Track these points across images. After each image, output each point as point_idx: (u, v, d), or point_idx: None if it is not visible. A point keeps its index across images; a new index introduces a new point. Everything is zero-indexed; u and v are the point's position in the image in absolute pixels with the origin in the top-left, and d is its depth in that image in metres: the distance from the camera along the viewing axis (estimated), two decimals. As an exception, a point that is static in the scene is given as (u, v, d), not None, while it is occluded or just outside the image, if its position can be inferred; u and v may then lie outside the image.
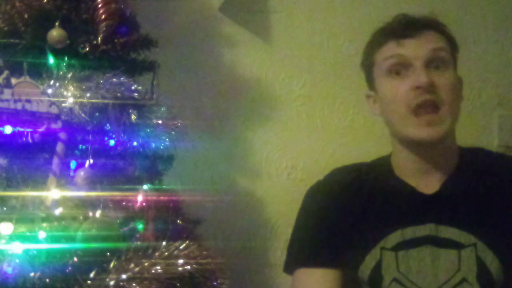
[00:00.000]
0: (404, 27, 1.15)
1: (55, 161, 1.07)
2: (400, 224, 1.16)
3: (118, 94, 1.11)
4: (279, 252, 1.62)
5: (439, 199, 1.16)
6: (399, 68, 1.14)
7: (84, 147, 1.12)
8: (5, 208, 1.02)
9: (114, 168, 1.15)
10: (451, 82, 1.13)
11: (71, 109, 1.08)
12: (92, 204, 1.07)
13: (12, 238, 0.99)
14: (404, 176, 1.20)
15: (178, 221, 1.20)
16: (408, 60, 1.13)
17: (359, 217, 1.19)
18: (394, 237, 1.16)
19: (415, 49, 1.12)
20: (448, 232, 1.14)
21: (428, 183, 1.17)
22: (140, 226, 1.13)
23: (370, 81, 1.22)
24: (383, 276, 1.15)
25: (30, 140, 1.07)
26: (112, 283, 1.00)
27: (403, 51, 1.13)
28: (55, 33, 1.10)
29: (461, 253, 1.13)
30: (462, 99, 1.22)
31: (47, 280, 0.98)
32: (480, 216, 1.14)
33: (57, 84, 1.09)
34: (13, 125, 1.05)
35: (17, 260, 0.97)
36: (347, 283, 1.20)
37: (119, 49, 1.16)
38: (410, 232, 1.15)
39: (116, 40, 1.16)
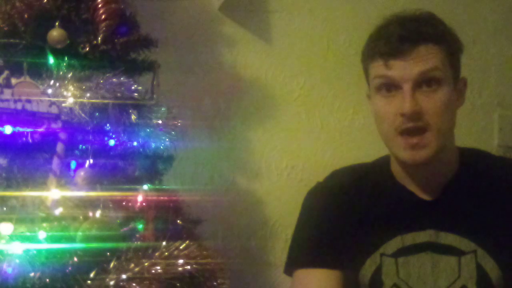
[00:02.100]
0: (394, 44, 1.08)
1: (55, 161, 1.07)
2: (400, 230, 1.15)
3: (118, 94, 1.11)
4: (279, 252, 1.62)
5: (439, 205, 1.15)
6: (389, 87, 1.10)
7: (84, 147, 1.12)
8: (5, 208, 1.02)
9: (114, 168, 1.15)
10: (442, 102, 1.08)
11: (71, 109, 1.08)
12: (92, 204, 1.07)
13: (12, 238, 0.99)
14: (404, 181, 1.19)
15: (178, 221, 1.20)
16: (396, 82, 1.08)
17: (358, 221, 1.19)
18: (394, 243, 1.15)
19: (403, 71, 1.07)
20: (448, 239, 1.13)
21: (428, 189, 1.16)
22: (140, 226, 1.13)
23: (368, 85, 1.21)
24: (383, 281, 1.15)
25: (30, 140, 1.07)
26: (112, 283, 1.00)
27: (390, 73, 1.08)
28: (55, 33, 1.10)
29: (461, 260, 1.12)
30: (463, 103, 1.20)
31: (47, 280, 0.98)
32: (481, 222, 1.13)
33: (57, 84, 1.09)
34: (13, 125, 1.05)
35: (17, 260, 0.97)
36: (349, 286, 1.19)
37: (119, 49, 1.16)
38: (410, 238, 1.14)
39: (116, 40, 1.16)
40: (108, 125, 1.13)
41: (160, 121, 1.18)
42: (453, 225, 1.14)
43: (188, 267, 1.07)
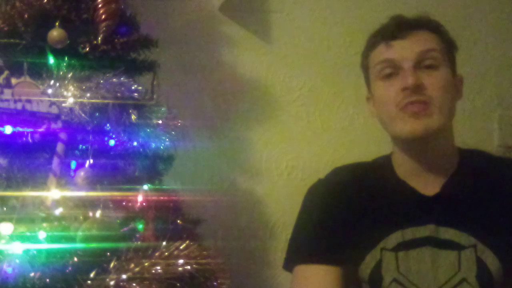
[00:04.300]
0: (394, 28, 1.15)
1: (55, 161, 1.07)
2: (401, 225, 1.16)
3: (118, 94, 1.11)
4: (279, 252, 1.62)
5: (440, 201, 1.16)
6: (390, 71, 1.15)
7: (84, 147, 1.12)
8: (5, 208, 1.02)
9: (114, 168, 1.15)
10: (442, 81, 1.13)
11: (71, 109, 1.08)
12: (92, 204, 1.07)
13: (12, 238, 0.99)
14: (405, 177, 1.20)
15: (178, 221, 1.20)
16: (398, 63, 1.13)
17: (359, 216, 1.20)
18: (395, 238, 1.16)
19: (404, 50, 1.13)
20: (448, 233, 1.14)
21: (428, 184, 1.18)
22: (140, 226, 1.13)
23: (368, 83, 1.23)
24: (383, 276, 1.15)
25: (30, 140, 1.07)
26: (112, 283, 1.00)
27: (392, 55, 1.14)
28: (55, 33, 1.10)
29: (461, 254, 1.13)
30: (461, 97, 1.22)
31: (47, 280, 0.98)
32: (480, 217, 1.15)
33: (57, 84, 1.09)
34: (13, 125, 1.05)
35: (17, 260, 0.97)
36: (348, 282, 1.20)
37: (119, 49, 1.16)
38: (410, 233, 1.15)
39: (116, 40, 1.16)
40: (108, 125, 1.13)
41: (160, 121, 1.18)
42: (453, 220, 1.15)
43: (188, 267, 1.07)
